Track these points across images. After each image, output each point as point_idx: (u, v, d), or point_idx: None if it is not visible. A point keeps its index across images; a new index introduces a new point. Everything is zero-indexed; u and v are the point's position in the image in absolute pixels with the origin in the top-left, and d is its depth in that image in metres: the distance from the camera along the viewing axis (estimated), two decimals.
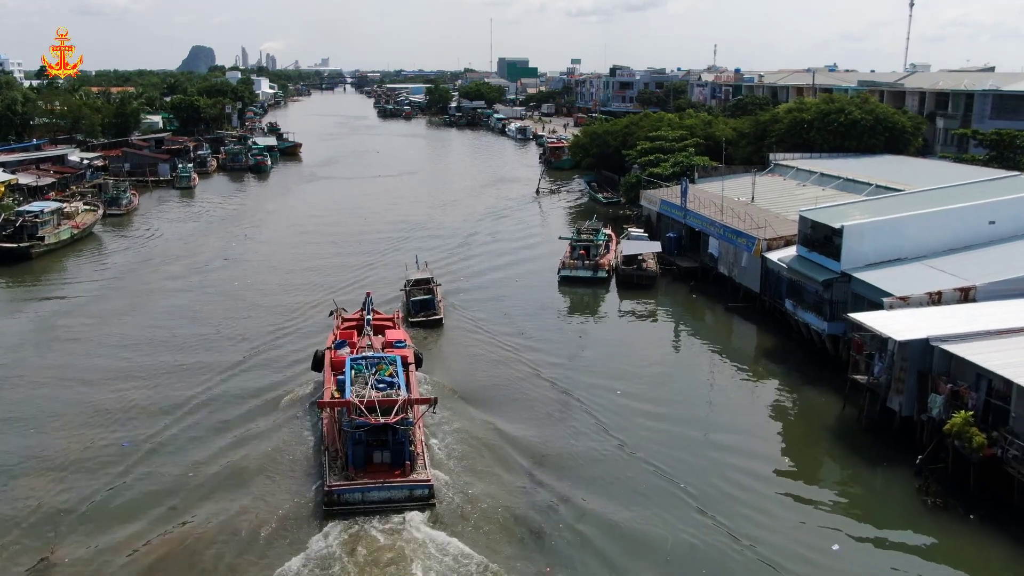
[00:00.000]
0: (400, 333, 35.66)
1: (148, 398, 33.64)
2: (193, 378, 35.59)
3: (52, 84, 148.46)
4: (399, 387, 27.07)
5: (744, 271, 46.50)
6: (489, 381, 36.06)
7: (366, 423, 25.07)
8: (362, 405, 25.36)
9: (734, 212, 49.31)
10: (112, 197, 74.45)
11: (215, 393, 34.14)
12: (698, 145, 71.17)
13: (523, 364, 37.97)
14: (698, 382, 37.76)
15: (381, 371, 28.15)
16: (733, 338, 44.46)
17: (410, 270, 49.01)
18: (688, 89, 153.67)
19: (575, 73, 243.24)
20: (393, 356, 29.87)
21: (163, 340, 40.66)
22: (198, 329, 42.21)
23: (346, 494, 24.66)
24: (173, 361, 37.73)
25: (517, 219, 73.08)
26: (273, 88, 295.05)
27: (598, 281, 50.91)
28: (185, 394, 33.82)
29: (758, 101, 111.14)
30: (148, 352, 38.98)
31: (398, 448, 25.63)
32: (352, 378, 27.47)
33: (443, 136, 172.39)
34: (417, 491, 24.88)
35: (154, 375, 36.03)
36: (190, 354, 38.68)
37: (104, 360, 37.93)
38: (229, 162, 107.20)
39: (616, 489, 26.99)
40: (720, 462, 29.07)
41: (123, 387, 34.68)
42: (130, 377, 35.89)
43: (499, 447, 29.57)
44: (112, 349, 39.51)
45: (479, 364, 38.38)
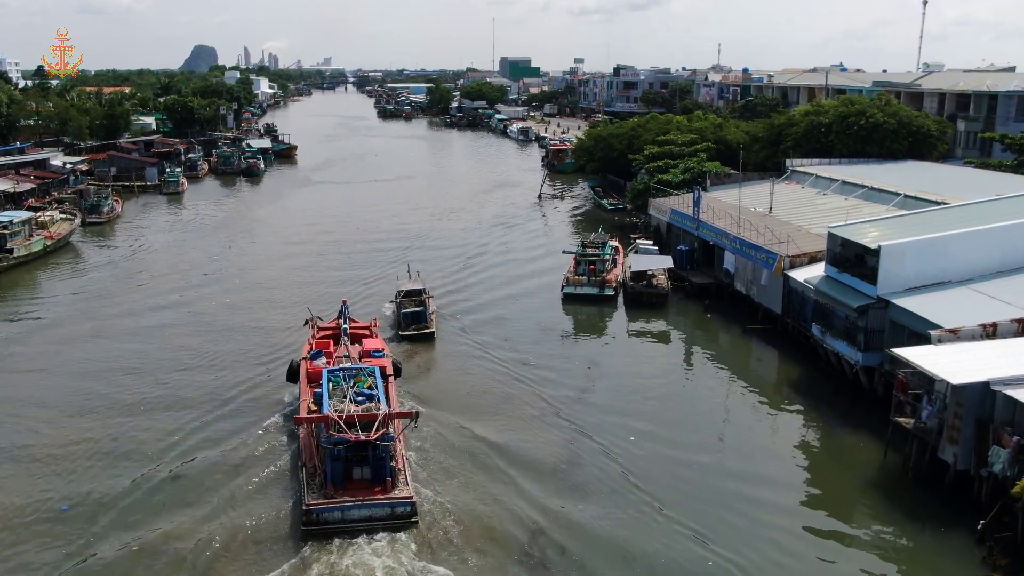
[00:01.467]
0: (377, 342, 34.33)
1: (106, 437, 30.01)
2: (158, 415, 31.99)
3: (42, 85, 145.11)
4: (379, 400, 25.99)
5: (764, 290, 42.76)
6: (482, 400, 34.03)
7: (345, 439, 23.98)
8: (341, 420, 24.35)
9: (751, 224, 45.59)
10: (92, 204, 70.79)
11: (181, 427, 30.61)
12: (708, 150, 67.46)
13: (521, 384, 35.36)
14: (715, 416, 33.97)
15: (359, 383, 27.25)
16: (753, 364, 40.71)
17: (401, 280, 46.45)
18: (694, 89, 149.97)
19: (578, 73, 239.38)
20: (372, 367, 28.71)
21: (129, 369, 36.93)
22: (168, 355, 38.50)
23: (325, 513, 23.74)
24: (136, 394, 34.11)
25: (518, 228, 69.29)
26: (273, 88, 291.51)
27: (605, 299, 47.14)
28: (145, 436, 30.19)
29: (768, 102, 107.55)
30: (109, 383, 35.28)
31: (378, 464, 24.71)
32: (330, 391, 26.41)
33: (443, 137, 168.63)
34: (399, 508, 23.99)
35: (113, 410, 32.38)
36: (156, 385, 35.04)
37: (58, 393, 34.21)
38: (221, 165, 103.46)
39: (623, 530, 24.36)
40: (745, 514, 25.65)
41: (77, 427, 31.02)
42: (86, 412, 32.28)
43: (485, 459, 28.58)
44: (70, 379, 35.79)
45: (472, 382, 36.06)
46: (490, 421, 31.85)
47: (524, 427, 31.56)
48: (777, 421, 33.68)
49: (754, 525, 25.08)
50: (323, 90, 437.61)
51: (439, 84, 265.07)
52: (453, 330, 42.62)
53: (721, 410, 34.76)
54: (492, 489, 26.72)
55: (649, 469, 28.41)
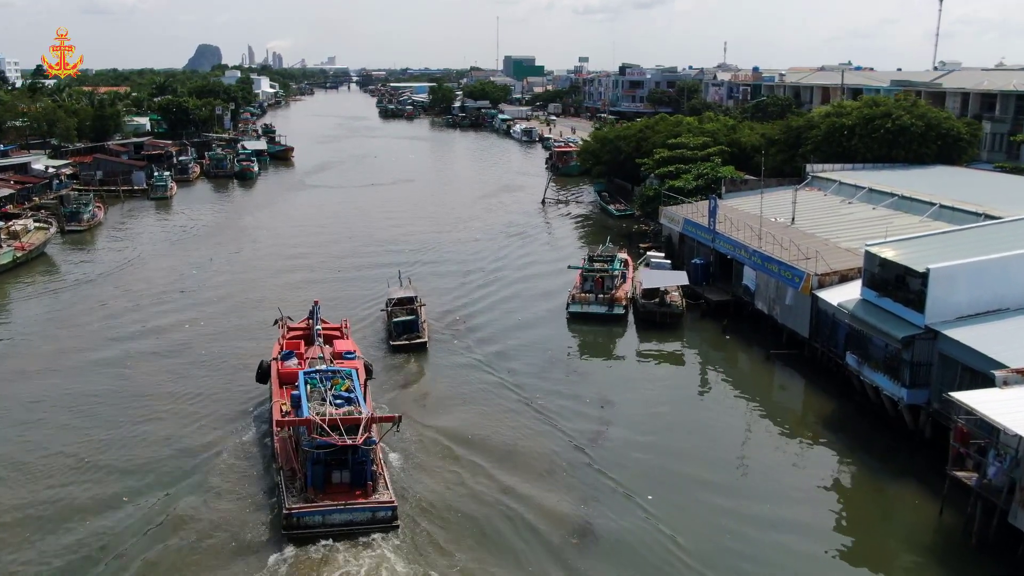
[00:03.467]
0: (349, 344, 33.76)
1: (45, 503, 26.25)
2: (105, 478, 27.89)
3: (34, 85, 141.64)
4: (359, 403, 25.80)
5: (789, 310, 38.96)
6: (480, 422, 31.79)
7: (330, 443, 23.61)
8: (325, 424, 23.93)
9: (773, 237, 41.78)
10: (72, 211, 67.06)
11: (130, 491, 26.86)
12: (722, 153, 63.62)
13: (524, 417, 31.88)
14: (737, 451, 30.59)
15: (337, 386, 26.90)
16: (777, 393, 36.98)
17: (392, 287, 43.50)
18: (702, 89, 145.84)
19: (583, 72, 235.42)
20: (349, 370, 28.42)
21: (83, 411, 32.44)
22: (126, 389, 34.63)
23: (306, 517, 23.49)
24: (83, 445, 29.68)
25: (520, 237, 65.40)
26: (274, 87, 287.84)
27: (614, 318, 43.30)
28: (88, 502, 26.18)
29: (780, 102, 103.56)
30: (52, 430, 30.94)
31: (358, 468, 24.41)
32: (307, 393, 26.02)
33: (445, 138, 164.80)
34: (380, 513, 23.82)
35: (54, 469, 28.16)
36: (107, 428, 31.12)
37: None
38: (213, 168, 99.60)
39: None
40: (777, 565, 22.93)
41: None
42: (21, 469, 28.07)
43: (469, 469, 27.88)
44: (10, 427, 31.29)
45: (469, 401, 33.86)
46: (491, 458, 28.93)
47: (528, 462, 28.77)
48: (806, 459, 30.15)
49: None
50: (326, 89, 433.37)
51: (442, 83, 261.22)
52: (450, 348, 39.85)
53: (743, 445, 31.37)
54: (472, 488, 26.59)
55: (667, 509, 25.62)
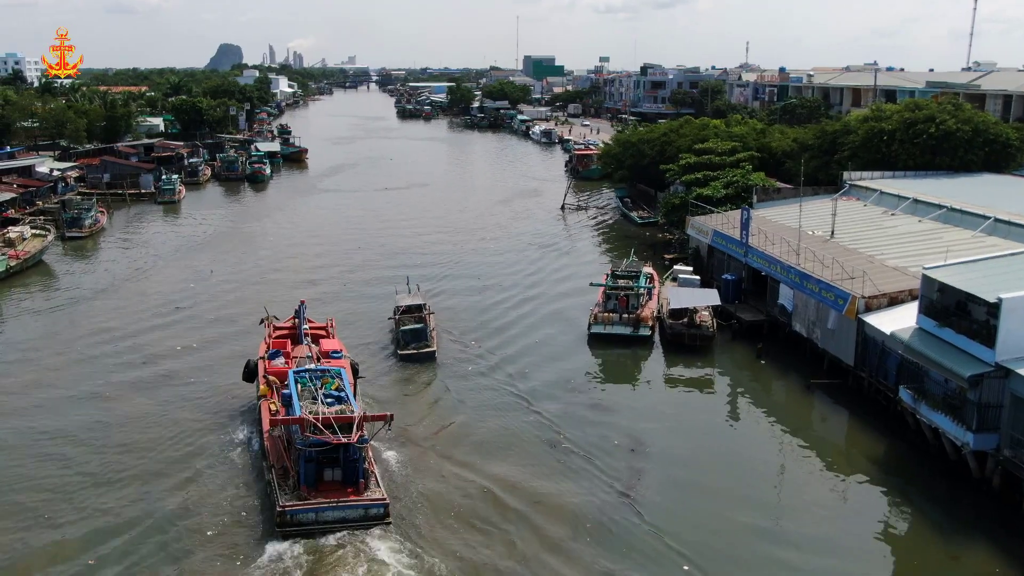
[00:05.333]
0: (335, 343, 34.12)
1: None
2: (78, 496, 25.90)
3: (48, 85, 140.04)
4: (350, 402, 26.29)
5: (831, 335, 35.63)
6: (496, 461, 29.28)
7: (324, 442, 23.92)
8: (318, 422, 24.21)
9: (813, 253, 38.46)
10: (73, 217, 64.57)
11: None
12: (751, 159, 60.19)
13: (539, 439, 28.92)
14: (777, 492, 27.68)
15: (327, 385, 27.25)
16: (818, 427, 33.65)
17: (400, 294, 42.41)
18: (727, 90, 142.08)
19: (603, 72, 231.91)
20: (338, 369, 28.84)
21: (50, 455, 29.59)
22: (105, 419, 31.94)
23: (300, 514, 23.75)
24: (65, 464, 28.19)
25: (538, 246, 62.24)
26: (292, 87, 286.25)
27: (639, 340, 40.10)
28: (80, 500, 25.94)
29: (809, 104, 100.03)
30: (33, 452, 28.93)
31: (350, 466, 24.71)
32: (298, 392, 26.38)
33: (463, 140, 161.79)
34: (372, 510, 24.13)
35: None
36: (89, 447, 29.22)
37: None
38: (224, 171, 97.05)
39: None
40: None
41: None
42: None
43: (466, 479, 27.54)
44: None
45: (484, 429, 31.69)
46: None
47: (553, 512, 25.99)
48: (857, 503, 27.35)
49: None
50: (345, 89, 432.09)
51: (460, 83, 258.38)
52: (461, 364, 37.87)
53: (787, 486, 28.43)
54: (463, 490, 26.81)
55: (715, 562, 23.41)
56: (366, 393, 33.76)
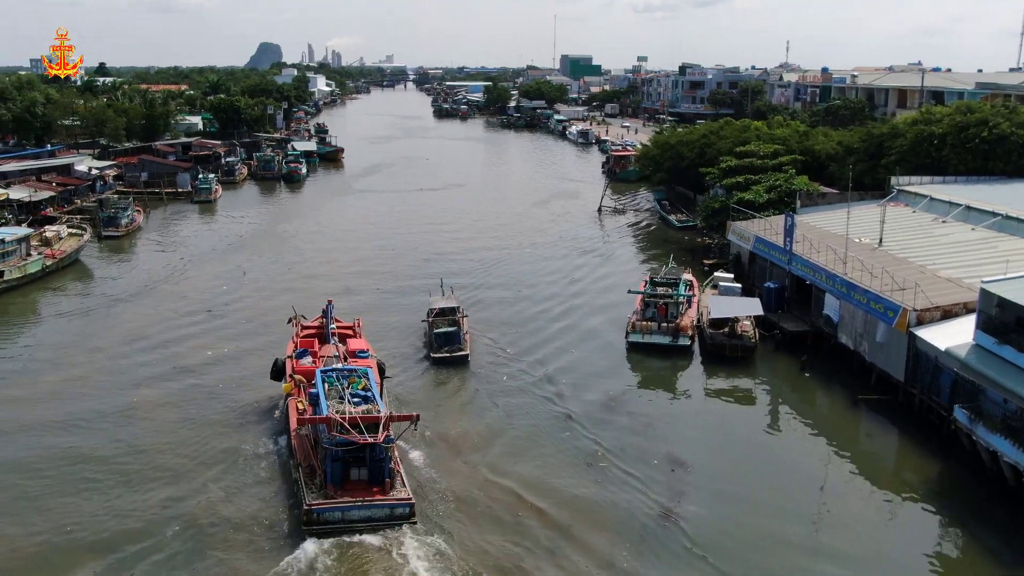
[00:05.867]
0: (362, 342, 34.25)
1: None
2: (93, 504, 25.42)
3: (90, 84, 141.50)
4: (376, 402, 26.41)
5: (879, 348, 34.21)
6: (529, 468, 28.82)
7: (350, 441, 24.12)
8: (345, 422, 24.40)
9: (860, 262, 37.02)
10: (110, 216, 64.68)
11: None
12: (794, 162, 58.58)
13: (574, 452, 28.10)
14: (834, 516, 26.19)
15: (354, 384, 27.38)
16: (865, 444, 32.19)
17: (433, 297, 41.98)
18: (767, 90, 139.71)
19: (641, 71, 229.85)
20: (365, 369, 28.98)
21: (81, 438, 30.23)
22: (133, 418, 31.84)
23: (326, 513, 23.96)
24: (91, 463, 28.13)
25: (575, 249, 61.25)
26: (330, 86, 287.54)
27: (678, 350, 38.93)
28: (108, 498, 26.10)
29: (853, 106, 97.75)
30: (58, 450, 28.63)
31: (376, 465, 24.88)
32: (325, 391, 26.56)
33: (499, 139, 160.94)
34: (398, 509, 24.26)
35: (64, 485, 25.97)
36: (105, 460, 28.59)
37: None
38: (260, 170, 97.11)
39: None
40: None
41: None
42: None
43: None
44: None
45: (516, 438, 31.07)
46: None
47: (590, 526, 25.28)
48: (904, 525, 26.29)
49: None
50: (382, 88, 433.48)
51: (497, 83, 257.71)
52: (494, 369, 37.34)
53: (829, 504, 27.10)
54: (487, 494, 26.71)
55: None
56: (397, 394, 33.72)
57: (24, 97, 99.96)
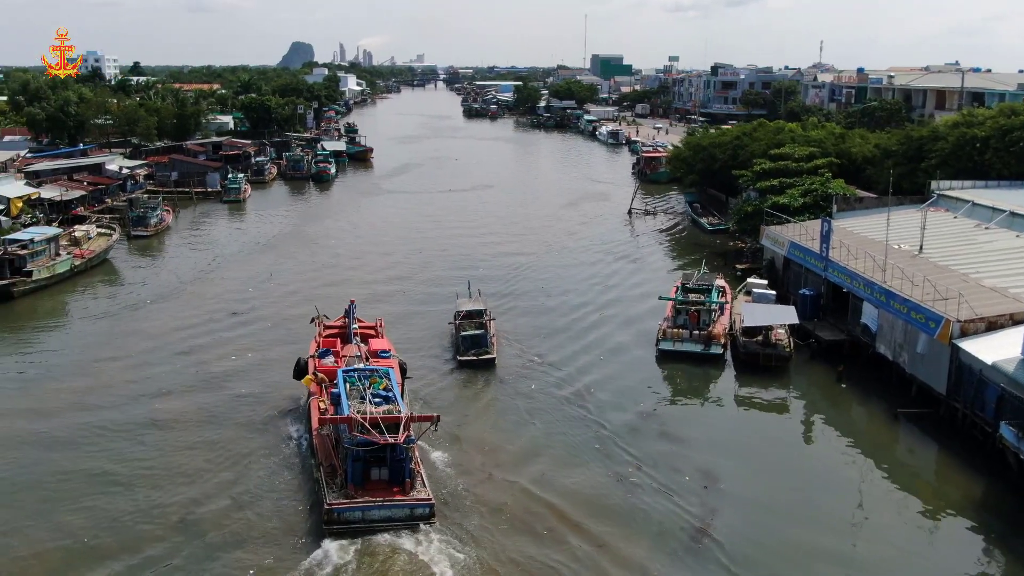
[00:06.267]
0: (384, 342, 34.43)
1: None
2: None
3: (124, 83, 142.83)
4: (397, 402, 26.50)
5: (920, 360, 33.06)
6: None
7: (371, 441, 24.24)
8: (366, 422, 24.56)
9: (900, 270, 35.83)
10: (139, 215, 64.76)
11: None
12: (830, 165, 57.20)
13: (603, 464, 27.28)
14: (877, 537, 25.01)
15: (375, 384, 27.50)
16: (908, 463, 30.94)
17: (461, 299, 41.70)
18: (801, 90, 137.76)
19: (672, 71, 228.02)
20: (386, 369, 29.16)
21: (105, 437, 30.28)
22: (156, 418, 31.75)
23: (346, 513, 24.08)
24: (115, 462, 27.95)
25: (604, 252, 60.38)
26: (360, 85, 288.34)
27: (710, 358, 37.97)
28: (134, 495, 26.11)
29: (889, 107, 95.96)
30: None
31: (397, 465, 24.99)
32: (347, 391, 26.71)
33: (529, 140, 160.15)
34: (418, 510, 24.34)
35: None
36: (127, 459, 28.56)
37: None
38: (290, 170, 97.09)
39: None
40: None
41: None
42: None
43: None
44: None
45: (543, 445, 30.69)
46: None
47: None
48: (946, 547, 25.27)
49: None
50: (413, 87, 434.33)
51: (527, 82, 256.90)
52: (521, 374, 36.80)
53: (867, 523, 25.95)
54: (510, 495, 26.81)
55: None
56: (424, 396, 33.74)
57: (58, 96, 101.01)
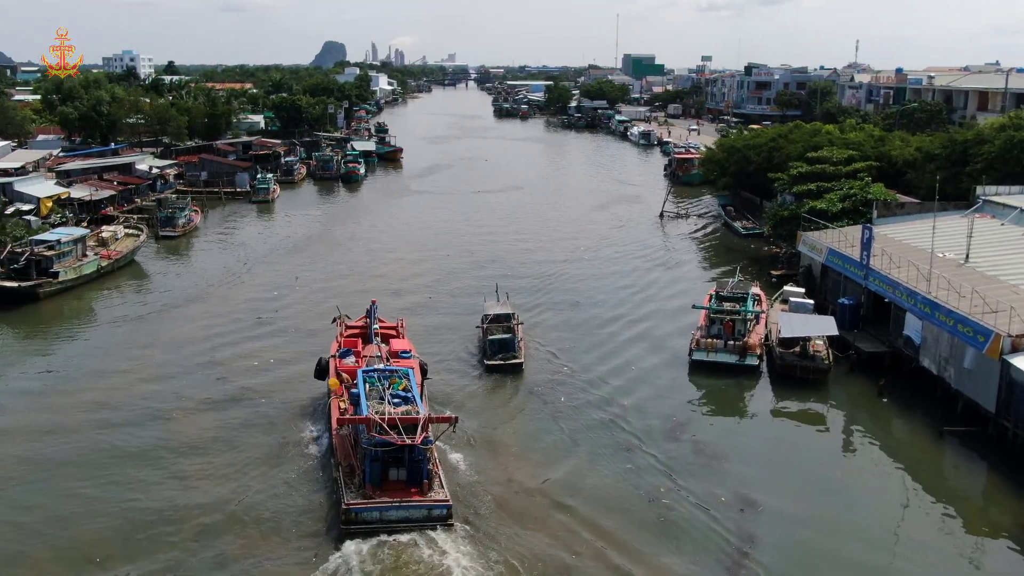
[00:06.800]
0: (405, 343, 34.29)
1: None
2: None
3: (156, 82, 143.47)
4: (416, 403, 26.43)
5: (967, 375, 31.59)
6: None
7: (388, 442, 24.23)
8: (384, 422, 24.56)
9: (948, 281, 34.31)
10: (167, 216, 64.54)
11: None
12: (869, 169, 55.52)
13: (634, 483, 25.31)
14: (904, 561, 23.83)
15: (395, 385, 27.49)
16: (954, 484, 29.43)
17: (488, 302, 40.91)
18: (837, 91, 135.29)
19: (705, 71, 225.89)
20: (406, 369, 29.07)
21: (121, 437, 30.05)
22: (167, 434, 30.82)
23: (364, 513, 24.12)
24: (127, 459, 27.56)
25: (635, 256, 59.16)
26: (392, 85, 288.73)
27: (745, 370, 36.64)
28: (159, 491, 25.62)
29: (929, 108, 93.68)
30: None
31: (414, 466, 25.01)
32: (366, 392, 26.74)
33: (559, 140, 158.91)
34: (436, 511, 24.32)
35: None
36: (147, 459, 27.86)
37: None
38: (319, 170, 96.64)
39: None
40: None
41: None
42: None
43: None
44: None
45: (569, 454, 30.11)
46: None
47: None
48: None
49: None
50: (444, 87, 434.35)
51: (558, 82, 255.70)
52: (550, 384, 35.93)
53: (910, 549, 24.62)
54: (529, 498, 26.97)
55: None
56: (454, 400, 33.46)
57: (90, 96, 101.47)
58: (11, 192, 61.81)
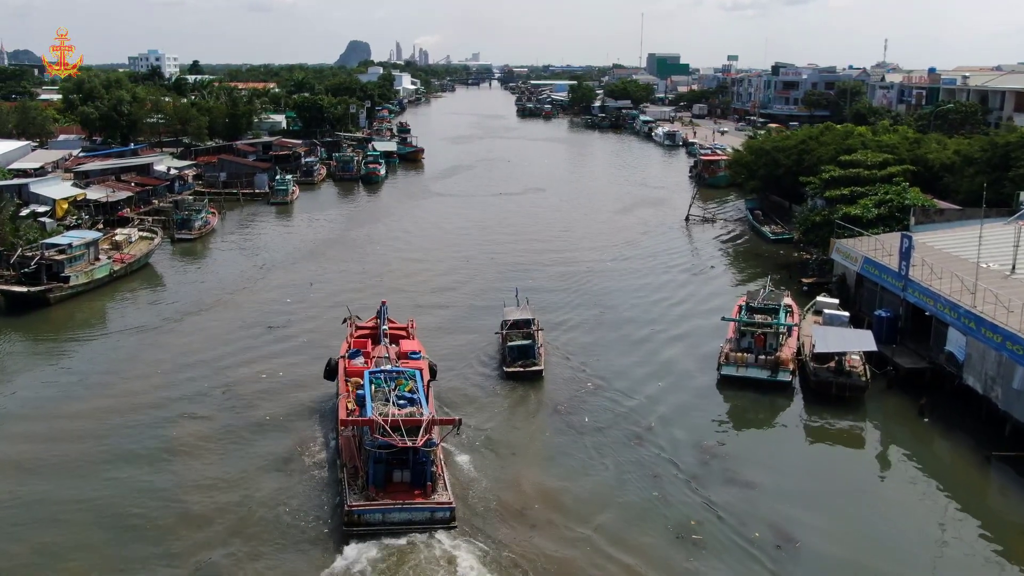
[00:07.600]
0: (415, 344, 33.93)
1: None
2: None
3: (179, 82, 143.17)
4: (421, 405, 26.32)
5: (1016, 396, 29.67)
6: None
7: (391, 444, 24.06)
8: (387, 424, 24.42)
9: (995, 296, 32.32)
10: (183, 218, 63.51)
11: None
12: (904, 173, 53.39)
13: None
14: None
15: (401, 386, 27.41)
16: (1002, 513, 27.47)
17: (508, 308, 40.09)
18: (867, 91, 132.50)
19: (731, 71, 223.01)
20: (413, 371, 28.95)
21: (128, 443, 28.75)
22: (172, 436, 30.19)
23: (367, 514, 24.03)
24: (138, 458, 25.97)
25: (659, 263, 57.39)
26: (415, 84, 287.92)
27: (777, 386, 34.82)
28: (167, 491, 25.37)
29: (965, 109, 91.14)
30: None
31: (418, 468, 24.87)
32: (372, 393, 26.64)
33: (583, 140, 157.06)
34: (439, 513, 24.18)
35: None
36: (152, 462, 27.26)
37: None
38: (339, 171, 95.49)
39: None
40: None
41: None
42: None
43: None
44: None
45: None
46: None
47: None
48: None
49: None
50: (467, 86, 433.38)
51: (582, 82, 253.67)
52: (569, 394, 35.09)
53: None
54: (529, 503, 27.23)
55: None
56: (468, 404, 33.17)
57: (111, 95, 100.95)
58: (27, 193, 60.94)
